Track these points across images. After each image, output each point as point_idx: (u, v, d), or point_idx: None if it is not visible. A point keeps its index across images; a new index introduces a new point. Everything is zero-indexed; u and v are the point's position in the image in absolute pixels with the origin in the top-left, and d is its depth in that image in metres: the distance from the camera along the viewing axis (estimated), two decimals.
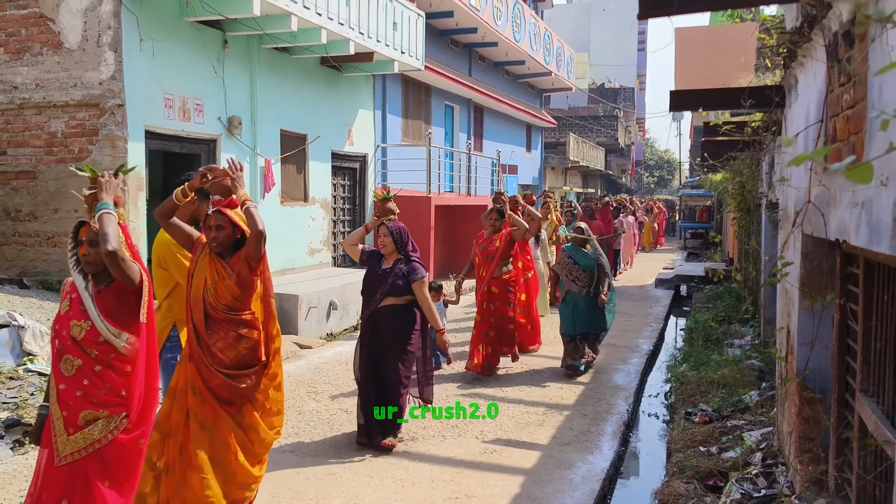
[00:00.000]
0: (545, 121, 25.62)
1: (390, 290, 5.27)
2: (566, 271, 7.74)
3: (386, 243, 5.35)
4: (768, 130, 5.59)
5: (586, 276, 7.63)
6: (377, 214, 5.65)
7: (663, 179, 67.19)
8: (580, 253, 7.77)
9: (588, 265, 7.66)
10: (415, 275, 5.27)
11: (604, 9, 51.69)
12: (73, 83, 8.11)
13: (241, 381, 3.73)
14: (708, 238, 27.12)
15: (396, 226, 5.40)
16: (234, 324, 3.73)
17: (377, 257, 5.46)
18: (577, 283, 7.65)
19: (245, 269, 3.72)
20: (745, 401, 6.34)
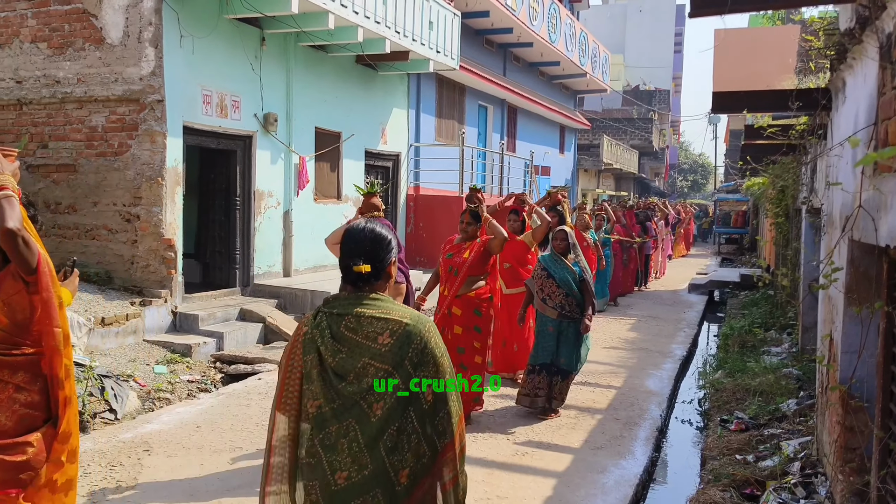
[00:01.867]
0: (579, 122, 25.45)
1: None
2: (538, 286, 6.20)
3: None
4: (813, 134, 5.46)
5: (560, 294, 6.05)
6: (361, 211, 5.20)
7: (697, 183, 66.40)
8: (558, 264, 6.16)
9: (563, 280, 6.07)
10: None
11: (640, 10, 51.26)
12: (114, 78, 8.24)
13: (17, 454, 2.68)
14: (743, 243, 26.71)
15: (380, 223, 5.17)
16: (7, 369, 2.72)
17: None
18: (547, 303, 6.11)
19: (14, 286, 2.73)
20: (783, 409, 6.21)
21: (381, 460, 2.17)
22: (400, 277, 4.95)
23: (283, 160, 10.28)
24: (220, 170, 9.71)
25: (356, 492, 2.16)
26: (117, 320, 7.54)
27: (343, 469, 2.17)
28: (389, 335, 2.21)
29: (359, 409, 2.18)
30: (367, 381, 2.18)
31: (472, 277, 5.82)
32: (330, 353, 2.21)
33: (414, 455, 2.20)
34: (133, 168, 8.25)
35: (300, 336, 2.28)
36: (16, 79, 8.78)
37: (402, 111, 13.67)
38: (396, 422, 2.17)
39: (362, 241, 2.36)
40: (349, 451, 2.17)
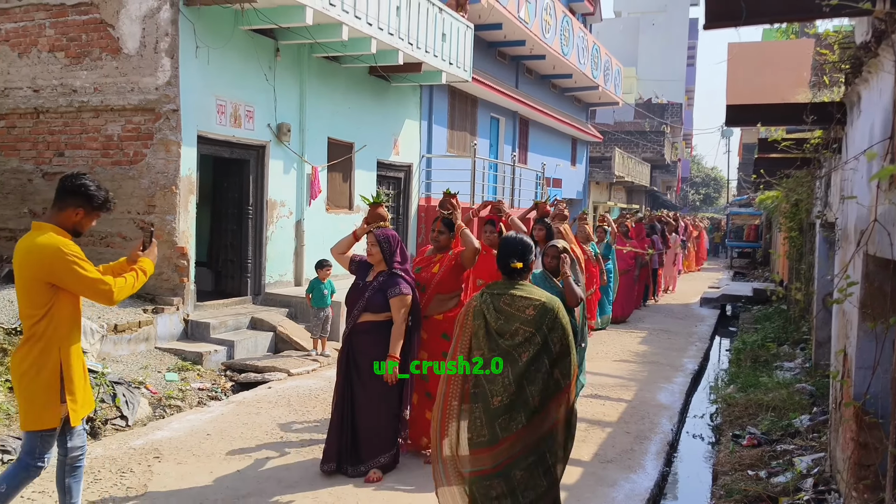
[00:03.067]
0: (591, 135, 25.44)
1: (367, 304, 4.81)
2: None
3: (374, 252, 4.87)
4: (827, 148, 5.44)
5: None
6: (367, 221, 5.07)
7: (709, 197, 66.13)
8: (548, 283, 5.37)
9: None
10: (394, 289, 4.75)
11: (653, 23, 51.32)
12: (130, 88, 8.32)
13: None
14: (755, 257, 26.55)
15: (384, 234, 4.90)
16: None
17: (365, 268, 4.99)
18: None
19: None
20: (796, 425, 6.15)
21: (523, 390, 3.37)
22: (406, 288, 4.79)
23: (295, 170, 10.33)
24: (234, 179, 9.77)
25: (506, 410, 3.37)
26: (130, 327, 7.57)
27: (497, 395, 3.38)
28: (533, 309, 3.43)
29: (511, 357, 3.40)
30: (517, 339, 3.40)
31: (441, 296, 5.23)
32: (493, 320, 3.45)
33: (544, 387, 3.38)
34: (147, 176, 8.31)
35: (470, 308, 3.54)
36: (33, 87, 8.88)
37: (414, 122, 13.72)
38: (535, 365, 3.38)
39: (516, 246, 3.58)
40: (502, 384, 3.38)
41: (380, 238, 4.86)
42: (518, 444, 3.36)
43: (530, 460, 3.37)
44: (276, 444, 5.54)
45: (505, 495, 3.35)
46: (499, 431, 3.35)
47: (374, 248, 4.85)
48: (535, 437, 3.38)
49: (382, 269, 4.86)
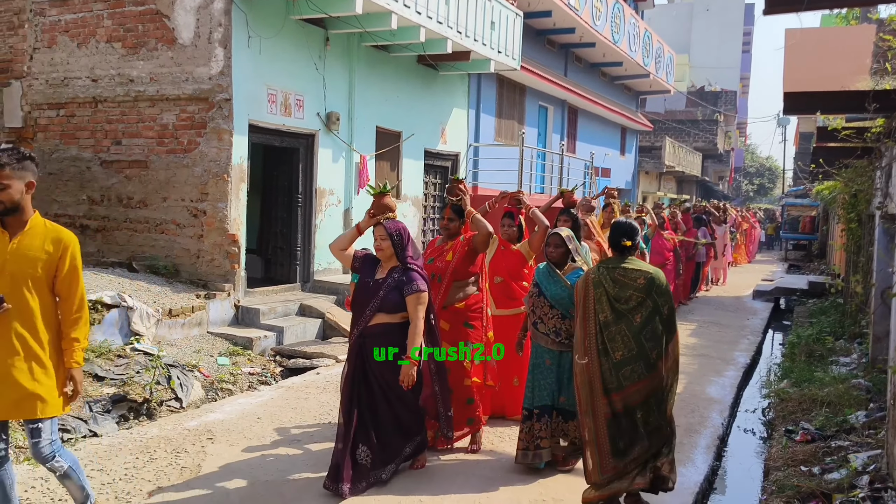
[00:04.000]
0: (641, 124, 25.04)
1: (382, 304, 4.37)
2: (529, 307, 4.94)
3: (384, 247, 4.43)
4: (890, 137, 5.25)
5: (554, 316, 4.75)
6: (372, 212, 4.59)
7: (763, 187, 64.52)
8: (552, 278, 4.83)
9: (558, 298, 4.75)
10: (411, 285, 4.36)
11: (707, 9, 50.12)
12: (184, 77, 8.49)
13: None
14: (811, 249, 25.84)
15: (395, 226, 4.45)
16: None
17: (371, 264, 4.56)
18: (539, 328, 4.82)
19: None
20: (851, 421, 5.98)
21: (642, 345, 4.08)
22: (423, 284, 4.41)
23: (344, 159, 10.42)
24: (283, 167, 9.91)
25: (627, 363, 4.09)
26: (183, 312, 7.76)
27: (619, 350, 4.10)
28: (643, 279, 4.11)
29: (627, 318, 4.11)
30: (632, 303, 4.10)
31: (458, 283, 5.09)
32: (611, 288, 4.14)
33: (658, 343, 4.11)
34: (201, 165, 8.49)
35: (589, 279, 4.23)
36: (92, 77, 9.13)
37: (461, 111, 13.69)
38: (649, 324, 4.09)
39: (626, 228, 4.24)
40: (622, 340, 4.10)
41: (391, 231, 4.43)
42: (643, 391, 4.11)
43: (650, 402, 4.13)
44: (324, 428, 5.63)
45: (631, 429, 4.12)
46: (622, 381, 4.10)
47: (384, 243, 4.42)
48: (653, 385, 4.13)
49: (394, 264, 4.45)
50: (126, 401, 5.91)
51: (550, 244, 4.88)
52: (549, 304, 4.77)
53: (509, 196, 6.08)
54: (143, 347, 6.84)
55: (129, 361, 6.52)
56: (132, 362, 6.51)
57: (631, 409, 4.12)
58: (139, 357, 6.64)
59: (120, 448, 5.01)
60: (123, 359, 6.56)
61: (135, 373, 6.30)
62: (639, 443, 4.11)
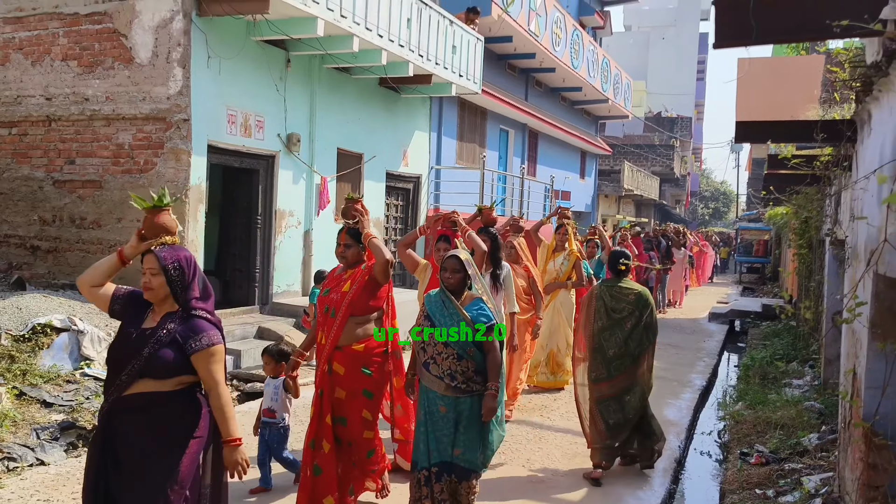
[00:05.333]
0: (600, 148, 25.43)
1: (147, 365, 2.97)
2: (419, 345, 4.14)
3: (154, 285, 3.06)
4: (837, 165, 5.41)
5: (449, 355, 3.96)
6: (142, 234, 3.19)
7: (718, 211, 65.96)
8: (447, 308, 4.04)
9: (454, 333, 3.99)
10: (199, 338, 3.04)
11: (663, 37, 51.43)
12: (142, 97, 8.37)
13: None
14: (764, 273, 26.43)
15: (174, 255, 3.10)
16: None
17: (139, 307, 3.16)
18: (431, 369, 4.01)
19: None
20: (804, 444, 6.09)
21: (629, 345, 5.30)
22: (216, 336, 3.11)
23: (304, 180, 10.36)
24: (243, 188, 9.80)
25: (617, 357, 5.29)
26: None
27: (612, 348, 5.29)
28: (634, 295, 5.35)
29: (620, 325, 5.31)
30: (624, 313, 5.31)
31: (356, 319, 4.29)
32: (609, 301, 5.35)
33: (641, 344, 5.35)
34: (157, 185, 8.34)
35: (593, 294, 5.49)
36: (45, 95, 8.95)
37: (423, 134, 13.75)
38: (636, 330, 5.30)
39: (623, 254, 5.50)
40: (615, 341, 5.29)
41: (166, 263, 3.06)
42: (627, 380, 5.34)
43: (634, 390, 5.35)
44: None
45: (619, 410, 5.34)
46: (612, 371, 5.31)
47: (155, 279, 3.05)
48: (635, 376, 5.37)
49: (170, 309, 3.11)
50: (75, 428, 5.73)
51: (447, 269, 4.09)
52: (444, 342, 3.98)
53: (443, 218, 5.59)
54: (93, 372, 6.66)
55: (79, 387, 6.33)
56: (82, 388, 6.33)
57: (615, 395, 5.33)
58: (89, 382, 6.46)
59: (68, 477, 4.85)
60: (73, 384, 6.37)
61: (84, 399, 6.12)
62: (620, 423, 5.34)
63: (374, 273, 4.32)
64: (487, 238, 5.92)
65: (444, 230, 5.52)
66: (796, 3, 2.43)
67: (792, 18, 2.48)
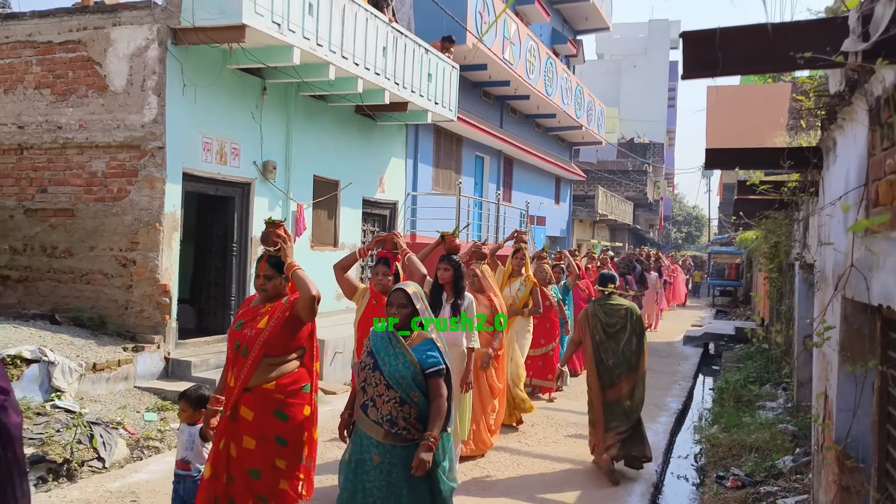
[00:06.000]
0: (574, 173, 25.71)
1: None
2: (359, 383, 3.77)
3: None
4: (805, 191, 5.54)
5: (390, 399, 3.60)
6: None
7: (691, 235, 66.78)
8: (393, 349, 3.67)
9: (396, 375, 3.60)
10: None
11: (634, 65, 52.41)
12: (115, 125, 8.34)
13: None
14: (737, 296, 26.74)
15: None
16: None
17: None
18: (369, 413, 3.64)
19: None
20: (779, 466, 6.15)
21: (626, 354, 6.00)
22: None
23: (280, 207, 10.35)
24: (218, 216, 9.76)
25: (616, 367, 5.98)
26: (109, 366, 7.47)
27: (611, 358, 5.98)
28: (624, 310, 6.09)
29: (615, 337, 6.01)
30: (617, 327, 6.02)
31: (270, 359, 3.78)
32: (603, 317, 6.08)
33: (635, 353, 6.02)
34: (131, 213, 8.29)
35: (588, 313, 6.16)
36: (18, 124, 8.87)
37: (399, 160, 13.82)
38: (629, 341, 6.00)
39: (610, 277, 6.36)
40: (612, 351, 5.97)
41: None
42: (628, 385, 6.06)
43: (633, 394, 6.07)
44: None
45: (625, 413, 6.05)
46: (614, 378, 6.03)
47: None
48: (633, 381, 6.09)
49: None
50: (45, 461, 5.60)
51: (393, 304, 3.73)
52: (386, 384, 3.59)
53: (381, 239, 5.18)
54: (64, 404, 6.53)
55: (50, 419, 6.20)
56: (52, 420, 6.20)
57: (619, 400, 6.03)
58: (60, 415, 6.33)
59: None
60: (43, 417, 6.24)
61: (55, 431, 6.00)
62: (625, 423, 6.02)
63: (296, 309, 3.82)
64: (450, 266, 5.64)
65: (385, 253, 5.14)
66: (760, 35, 2.51)
67: (757, 50, 2.56)
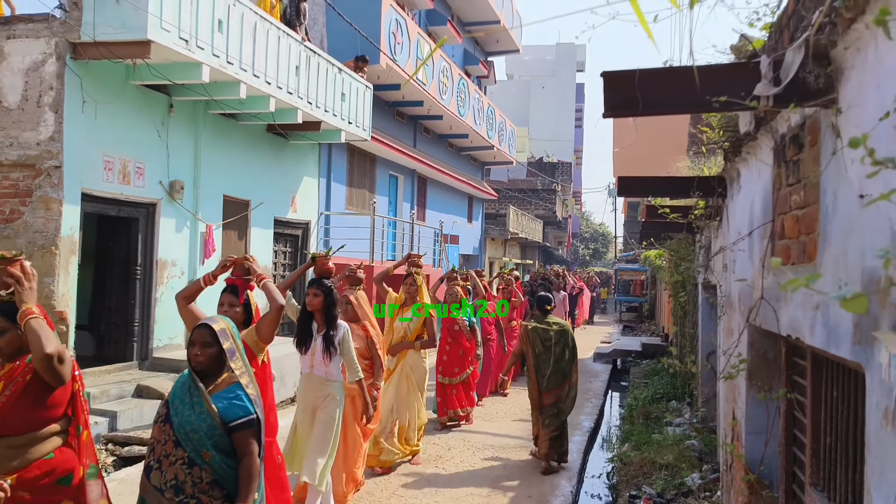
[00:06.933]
0: (486, 192, 26.06)
1: None
2: (151, 439, 3.17)
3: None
4: (709, 217, 5.78)
5: (178, 459, 3.00)
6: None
7: (598, 252, 68.85)
8: (192, 398, 3.09)
9: (194, 429, 3.01)
10: None
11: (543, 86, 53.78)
12: (9, 143, 7.83)
13: None
14: (642, 311, 27.68)
15: None
16: None
17: None
18: (152, 477, 3.04)
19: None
20: (688, 483, 6.35)
21: (559, 364, 7.05)
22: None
23: (188, 228, 9.97)
24: (121, 238, 9.31)
25: (552, 375, 7.01)
26: None
27: (547, 368, 7.03)
28: (558, 326, 7.19)
29: (549, 351, 7.04)
30: (552, 341, 7.05)
31: (13, 440, 2.93)
32: (541, 332, 7.11)
33: (568, 364, 7.09)
34: (24, 236, 7.79)
35: (527, 331, 7.16)
36: None
37: (312, 180, 13.61)
38: (563, 353, 7.06)
39: (546, 299, 7.48)
40: (548, 363, 7.02)
41: None
42: (561, 391, 7.06)
43: (564, 399, 7.08)
44: None
45: (556, 415, 7.03)
46: (549, 385, 7.01)
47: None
48: (567, 387, 7.10)
49: None
50: None
51: (194, 343, 3.16)
52: (175, 440, 2.99)
53: (229, 263, 4.40)
54: None
55: None
56: None
57: (553, 403, 7.01)
58: None
59: None
60: None
61: None
62: (555, 423, 7.01)
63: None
64: (320, 292, 5.17)
65: (233, 279, 4.43)
66: (677, 79, 2.59)
67: (673, 92, 2.64)
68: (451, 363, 8.63)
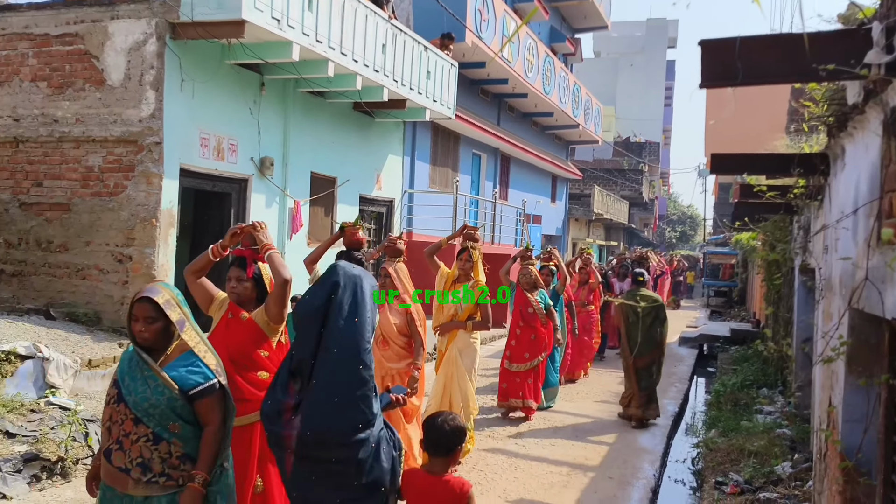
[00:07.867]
0: (571, 172, 25.69)
1: None
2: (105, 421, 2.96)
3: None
4: (810, 197, 5.50)
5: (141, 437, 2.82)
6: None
7: (685, 234, 66.90)
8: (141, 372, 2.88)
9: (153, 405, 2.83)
10: None
11: (631, 64, 52.40)
12: (112, 119, 8.25)
13: None
14: (732, 296, 26.78)
15: None
16: None
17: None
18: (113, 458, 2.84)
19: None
20: (778, 472, 6.13)
21: (649, 333, 7.99)
22: None
23: (277, 204, 10.27)
24: (215, 212, 9.68)
25: (645, 342, 7.95)
26: (104, 362, 7.40)
27: (638, 336, 7.96)
28: (651, 299, 8.15)
29: (643, 320, 7.97)
30: (645, 311, 7.96)
31: None
32: (629, 307, 8.03)
33: (658, 333, 8.04)
34: (128, 209, 8.21)
35: (618, 306, 8.41)
36: (13, 117, 8.77)
37: (397, 158, 13.75)
38: (654, 323, 8.00)
39: (640, 273, 8.56)
40: (640, 330, 7.97)
41: None
42: (652, 356, 7.97)
43: (656, 364, 8.02)
44: None
45: (649, 376, 8.00)
46: (643, 351, 7.89)
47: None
48: (656, 354, 8.00)
49: None
50: (39, 459, 5.54)
51: (137, 317, 2.89)
52: (133, 417, 2.81)
53: (236, 231, 3.86)
54: (59, 401, 6.46)
55: (44, 416, 6.13)
56: (47, 417, 6.13)
57: (647, 366, 7.94)
58: (55, 412, 6.26)
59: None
60: (37, 414, 6.17)
61: (49, 429, 5.93)
62: (648, 382, 8.00)
63: None
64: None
65: (242, 251, 3.93)
66: (782, 46, 2.46)
67: (777, 61, 2.52)
68: (519, 348, 7.93)
